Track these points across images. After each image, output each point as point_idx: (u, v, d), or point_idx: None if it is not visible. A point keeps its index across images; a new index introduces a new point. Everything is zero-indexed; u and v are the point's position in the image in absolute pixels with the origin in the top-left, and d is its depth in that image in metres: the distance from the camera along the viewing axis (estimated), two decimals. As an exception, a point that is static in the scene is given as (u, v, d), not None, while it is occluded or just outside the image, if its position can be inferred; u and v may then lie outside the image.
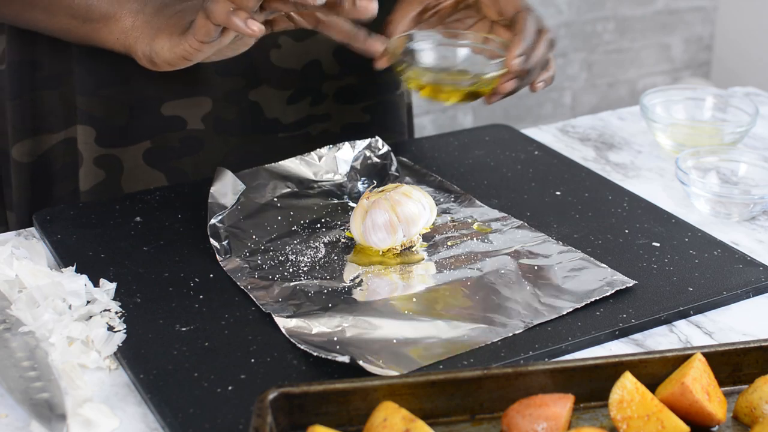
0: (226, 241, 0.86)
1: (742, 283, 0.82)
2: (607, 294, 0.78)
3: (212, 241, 0.85)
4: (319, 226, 0.90)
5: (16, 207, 1.02)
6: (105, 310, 0.77)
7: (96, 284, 0.79)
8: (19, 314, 0.75)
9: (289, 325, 0.74)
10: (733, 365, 0.68)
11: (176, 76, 0.94)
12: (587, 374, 0.65)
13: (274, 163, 0.96)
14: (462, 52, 0.94)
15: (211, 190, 0.89)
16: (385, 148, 0.99)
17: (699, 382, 0.63)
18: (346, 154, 0.97)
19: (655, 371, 0.66)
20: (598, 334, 0.75)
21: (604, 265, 0.83)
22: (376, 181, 0.97)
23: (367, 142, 0.98)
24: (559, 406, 0.62)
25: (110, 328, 0.75)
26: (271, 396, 0.62)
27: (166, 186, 0.99)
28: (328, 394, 0.63)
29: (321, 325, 0.74)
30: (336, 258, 0.85)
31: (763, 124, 1.16)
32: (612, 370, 0.65)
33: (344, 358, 0.69)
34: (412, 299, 0.79)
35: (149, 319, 0.76)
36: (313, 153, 0.97)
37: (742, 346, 0.67)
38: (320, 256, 0.85)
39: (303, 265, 0.83)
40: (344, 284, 0.81)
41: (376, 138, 0.99)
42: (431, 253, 0.85)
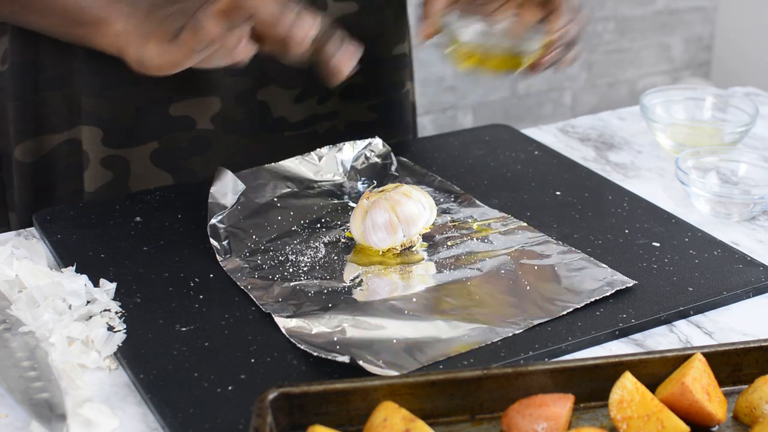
0: (226, 241, 0.86)
1: (742, 283, 0.82)
2: (607, 294, 0.78)
3: (212, 241, 0.85)
4: (319, 226, 0.90)
5: (18, 208, 1.02)
6: (105, 310, 0.77)
7: (96, 284, 0.79)
8: (19, 314, 0.75)
9: (289, 325, 0.74)
10: (733, 365, 0.68)
11: (185, 77, 0.94)
12: (587, 374, 0.65)
13: (274, 163, 0.96)
14: (502, 27, 0.95)
15: (211, 190, 0.89)
16: (385, 148, 0.99)
17: (699, 382, 0.63)
18: (346, 154, 0.97)
19: (655, 371, 0.66)
20: (598, 334, 0.75)
21: (604, 265, 0.83)
22: (376, 181, 0.97)
23: (368, 142, 0.98)
24: (559, 406, 0.62)
25: (110, 328, 0.75)
26: (271, 396, 0.62)
27: (166, 186, 0.98)
28: (328, 394, 0.63)
29: (321, 325, 0.74)
30: (336, 258, 0.85)
31: (763, 124, 1.16)
32: (612, 370, 0.65)
33: (344, 358, 0.69)
34: (412, 299, 0.79)
35: (149, 319, 0.76)
36: (313, 153, 0.97)
37: (742, 346, 0.67)
38: (320, 256, 0.85)
39: (303, 265, 0.83)
40: (344, 284, 0.81)
41: (377, 138, 0.99)
42: (431, 253, 0.85)
